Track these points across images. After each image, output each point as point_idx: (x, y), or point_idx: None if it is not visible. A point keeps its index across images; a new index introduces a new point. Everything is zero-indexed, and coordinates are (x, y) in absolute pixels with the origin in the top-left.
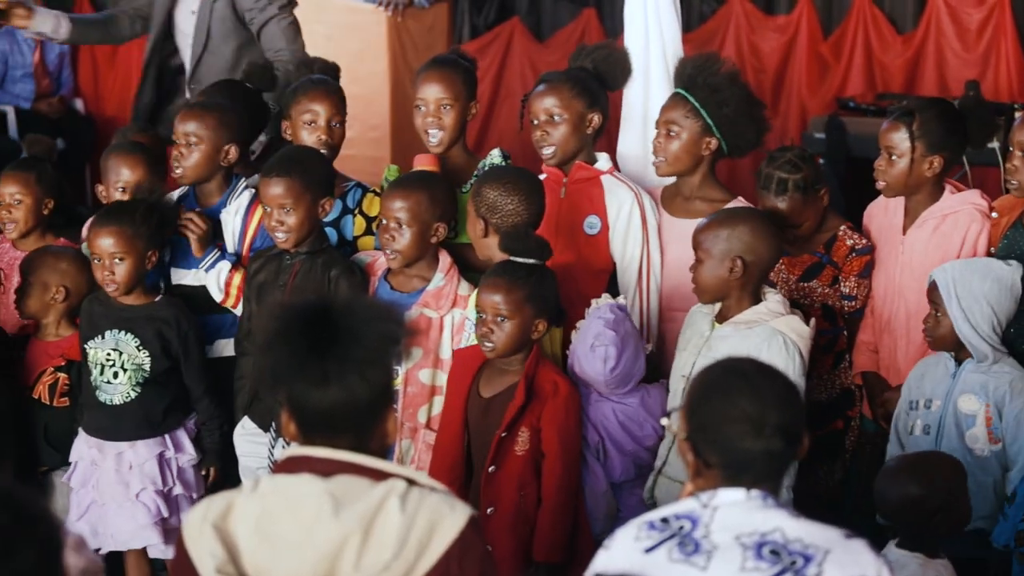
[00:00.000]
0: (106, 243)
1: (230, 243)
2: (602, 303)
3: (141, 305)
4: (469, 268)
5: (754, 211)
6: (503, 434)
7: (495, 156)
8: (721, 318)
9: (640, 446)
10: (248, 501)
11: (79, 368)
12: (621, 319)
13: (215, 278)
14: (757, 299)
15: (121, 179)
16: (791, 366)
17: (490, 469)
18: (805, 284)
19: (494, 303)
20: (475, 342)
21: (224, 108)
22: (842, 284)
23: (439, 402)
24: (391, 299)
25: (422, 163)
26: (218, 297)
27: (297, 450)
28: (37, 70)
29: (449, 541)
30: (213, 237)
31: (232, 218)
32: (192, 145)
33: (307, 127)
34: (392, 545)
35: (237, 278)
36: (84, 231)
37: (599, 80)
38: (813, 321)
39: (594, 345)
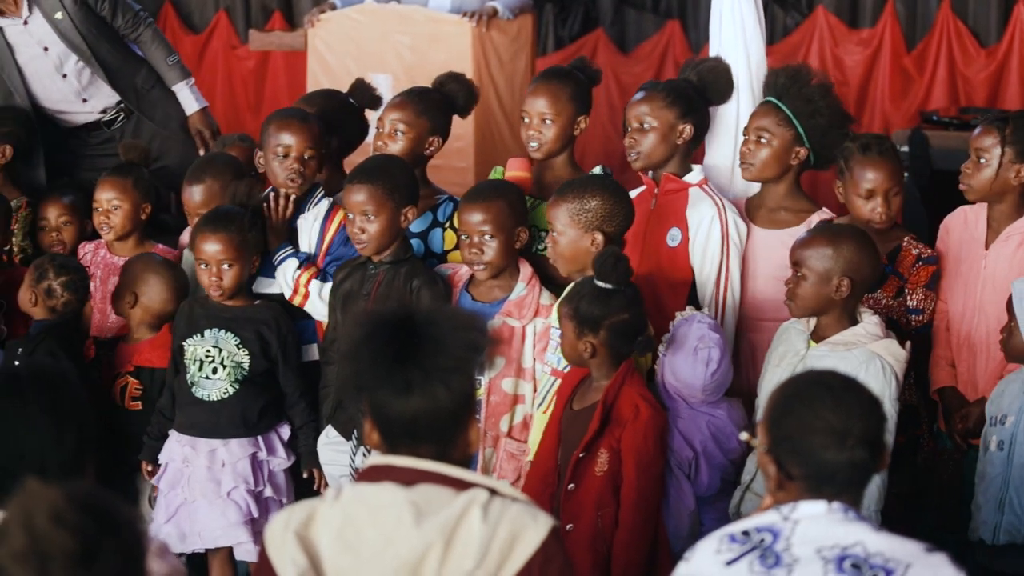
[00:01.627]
0: (214, 249)
1: (306, 250)
2: (687, 313)
3: (242, 306)
4: (557, 282)
5: (858, 229)
6: (580, 454)
7: (597, 172)
8: (817, 336)
9: (727, 459)
10: (330, 510)
11: (151, 374)
12: (718, 326)
13: (283, 273)
14: (853, 318)
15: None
16: (887, 391)
17: (569, 487)
18: (869, 295)
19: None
20: (558, 352)
21: (316, 122)
22: (909, 297)
23: (521, 411)
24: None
25: (515, 167)
26: (287, 292)
27: (379, 459)
28: None
29: (531, 551)
30: (288, 240)
31: (310, 225)
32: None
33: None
34: (474, 555)
35: (305, 276)
36: (184, 237)
37: (701, 93)
38: (909, 344)
39: (698, 348)
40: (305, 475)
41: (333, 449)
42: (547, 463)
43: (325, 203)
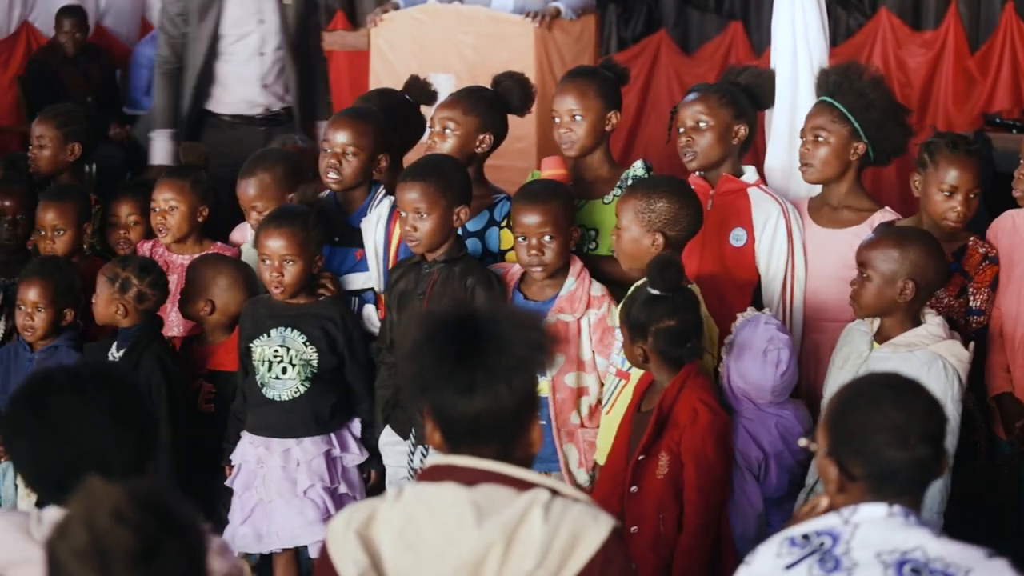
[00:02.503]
0: (277, 245)
1: (371, 252)
2: (749, 315)
3: (306, 304)
4: (612, 281)
5: (925, 232)
6: (639, 457)
7: (638, 168)
8: (880, 338)
9: (795, 460)
10: (392, 509)
11: (225, 377)
12: (783, 326)
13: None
14: (917, 320)
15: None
16: (950, 392)
17: (632, 489)
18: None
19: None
20: (622, 353)
21: (377, 117)
22: (972, 297)
23: (586, 402)
24: None
25: (550, 165)
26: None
27: (441, 459)
28: None
29: (592, 552)
30: (352, 244)
31: (373, 227)
32: (350, 155)
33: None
34: (535, 555)
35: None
36: (236, 234)
37: (752, 96)
38: (972, 345)
39: (767, 349)
40: (365, 476)
41: (392, 449)
42: (618, 464)
43: (387, 203)
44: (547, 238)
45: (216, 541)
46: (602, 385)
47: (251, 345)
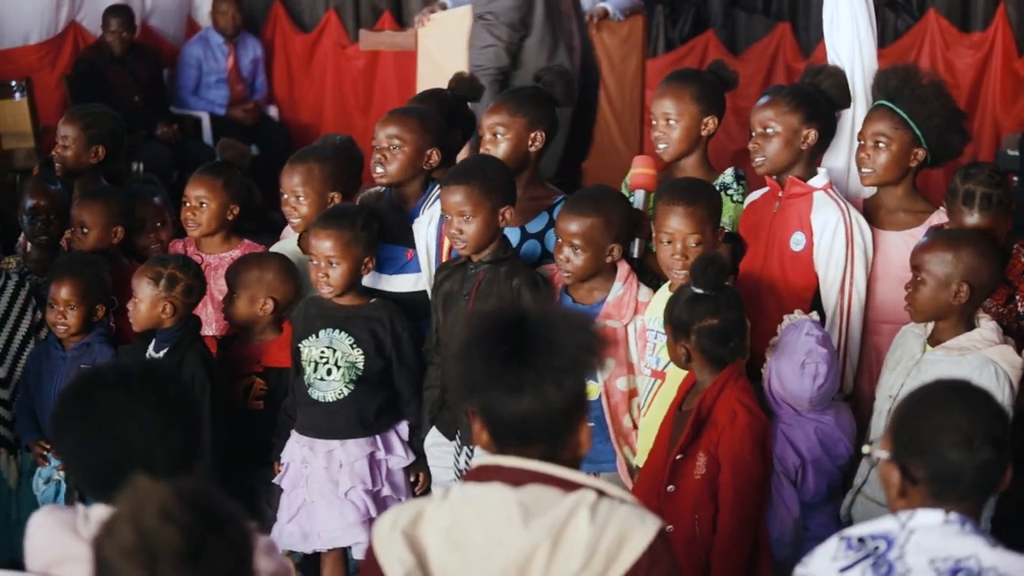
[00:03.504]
0: (324, 246)
1: (423, 253)
2: (795, 319)
3: (356, 305)
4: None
5: (977, 234)
6: (677, 457)
7: (728, 175)
8: (934, 340)
9: (835, 466)
10: (438, 509)
11: (277, 374)
12: (827, 336)
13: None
14: (971, 323)
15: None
16: (1000, 397)
17: (669, 488)
18: None
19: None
20: (656, 353)
21: (425, 113)
22: (1019, 303)
23: (635, 403)
24: None
25: (640, 164)
26: None
27: (488, 459)
28: (231, 76)
29: (638, 553)
30: (405, 244)
31: (425, 228)
32: (395, 148)
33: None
34: (581, 555)
35: None
36: (285, 233)
37: (827, 98)
38: None
39: (805, 362)
40: (412, 479)
41: (438, 450)
42: (657, 464)
43: (439, 204)
44: (577, 250)
45: (263, 540)
46: None
47: (300, 345)
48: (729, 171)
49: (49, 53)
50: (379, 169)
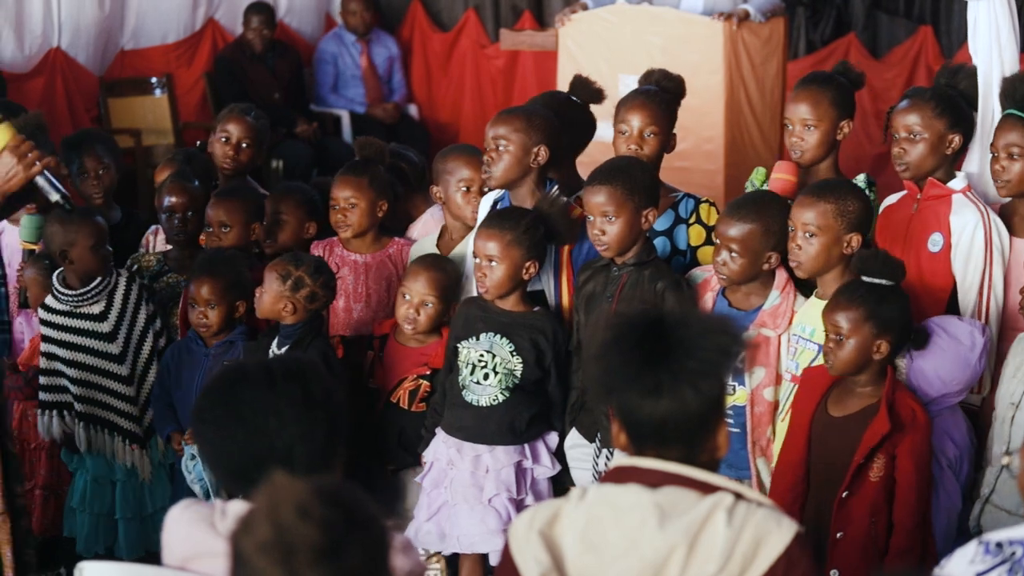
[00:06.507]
0: (486, 246)
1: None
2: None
3: (520, 312)
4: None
5: None
6: (861, 461)
7: (860, 181)
8: None
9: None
10: (575, 510)
11: (436, 375)
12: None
13: None
14: None
15: (463, 178)
16: None
17: (843, 494)
18: None
19: (835, 323)
20: (798, 358)
21: (532, 111)
22: None
23: (782, 418)
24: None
25: (782, 170)
26: None
27: (625, 460)
28: (366, 74)
29: (775, 556)
30: None
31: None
32: (501, 148)
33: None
34: (717, 558)
35: None
36: (421, 232)
37: (968, 101)
38: None
39: (973, 344)
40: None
41: (578, 451)
42: (796, 471)
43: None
44: (734, 255)
45: (399, 539)
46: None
47: (459, 345)
48: (861, 176)
49: (187, 51)
50: (488, 170)
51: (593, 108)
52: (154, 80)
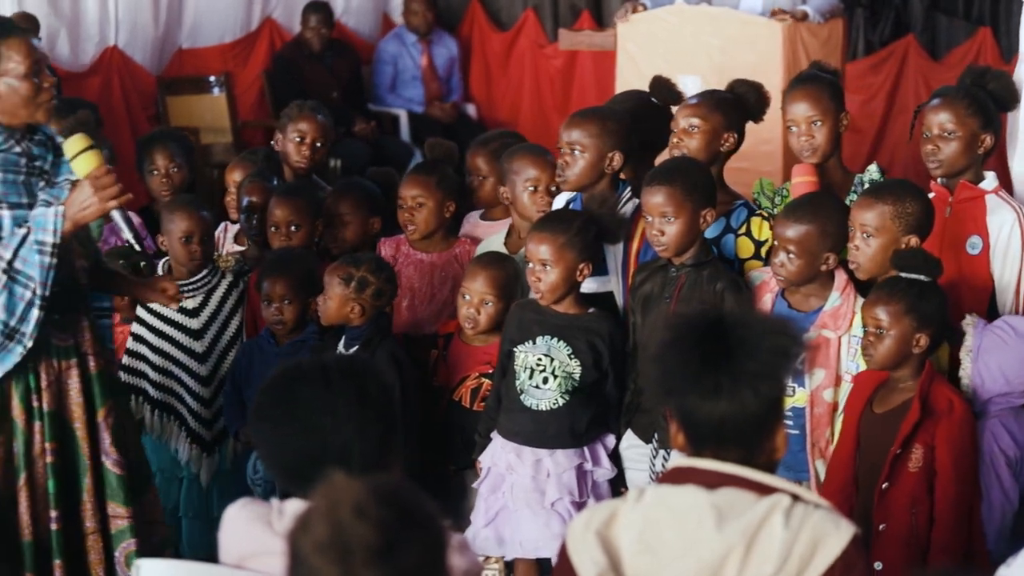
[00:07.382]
0: (538, 249)
1: (610, 255)
2: (971, 321)
3: (575, 315)
4: None
5: None
6: (897, 451)
7: (873, 172)
8: None
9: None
10: (632, 511)
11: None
12: None
13: None
14: None
15: (530, 177)
16: None
17: (883, 486)
18: None
19: (875, 317)
20: (857, 358)
21: (607, 115)
22: None
23: (838, 418)
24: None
25: (801, 172)
26: None
27: (683, 461)
28: (426, 74)
29: (832, 559)
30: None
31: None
32: (576, 154)
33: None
34: (774, 560)
35: None
36: (484, 232)
37: (997, 102)
38: None
39: None
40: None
41: (634, 452)
42: (846, 471)
43: (630, 206)
44: (791, 256)
45: (456, 538)
46: None
47: (515, 349)
48: (873, 167)
49: (243, 50)
50: (562, 174)
51: None
52: (212, 79)
